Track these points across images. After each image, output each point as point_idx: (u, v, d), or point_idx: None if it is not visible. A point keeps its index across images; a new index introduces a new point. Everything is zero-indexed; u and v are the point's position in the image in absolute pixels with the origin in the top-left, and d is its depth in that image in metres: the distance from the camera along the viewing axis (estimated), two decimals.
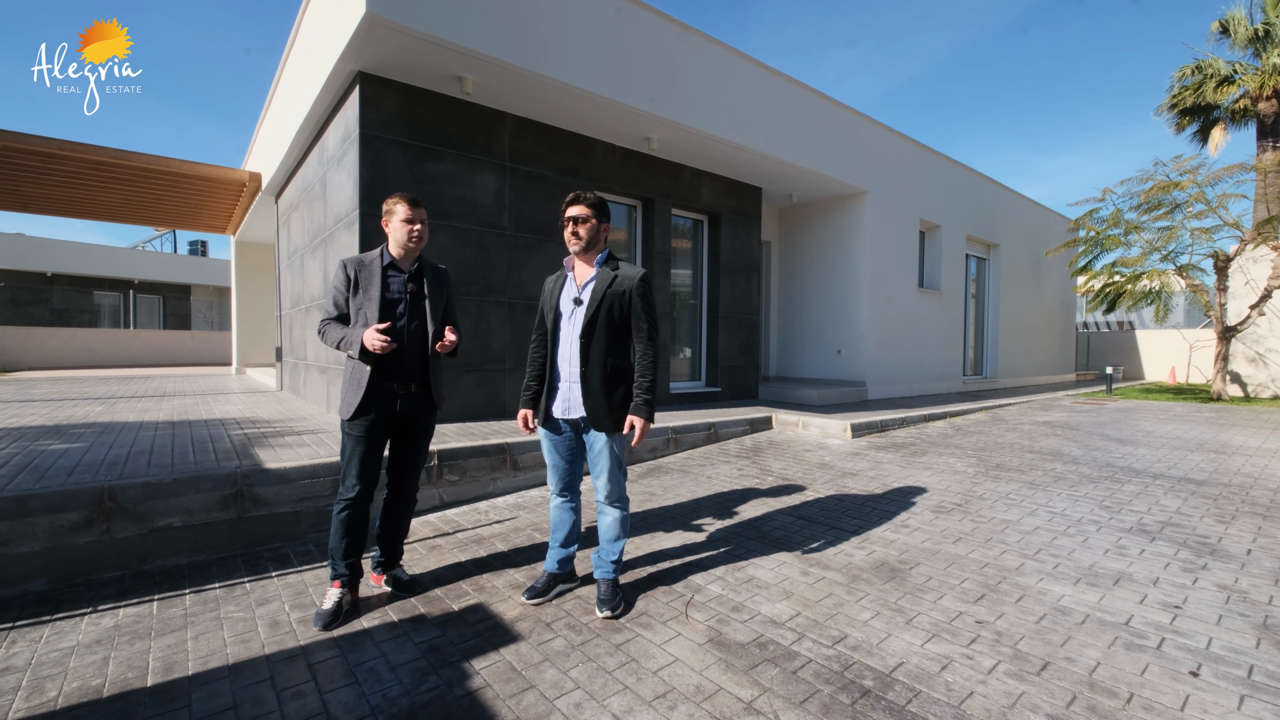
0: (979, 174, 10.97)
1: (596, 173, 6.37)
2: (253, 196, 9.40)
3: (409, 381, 2.61)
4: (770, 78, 6.99)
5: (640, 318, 2.49)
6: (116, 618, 2.53)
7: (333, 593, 2.50)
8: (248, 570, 3.02)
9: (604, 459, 2.50)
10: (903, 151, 9.18)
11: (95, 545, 2.94)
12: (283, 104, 6.95)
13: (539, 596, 2.60)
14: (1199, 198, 9.89)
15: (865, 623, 2.37)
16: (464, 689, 2.00)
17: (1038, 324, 13.34)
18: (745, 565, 2.94)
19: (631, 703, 1.90)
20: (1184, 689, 1.92)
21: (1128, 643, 2.20)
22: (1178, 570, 2.80)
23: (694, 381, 7.77)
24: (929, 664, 2.08)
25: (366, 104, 4.82)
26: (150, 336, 18.16)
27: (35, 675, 2.10)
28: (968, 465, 4.88)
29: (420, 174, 5.11)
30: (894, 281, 9.10)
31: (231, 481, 3.31)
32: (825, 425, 6.14)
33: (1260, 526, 3.39)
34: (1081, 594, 2.58)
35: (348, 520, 2.54)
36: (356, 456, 2.54)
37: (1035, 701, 1.86)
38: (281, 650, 2.26)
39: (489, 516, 3.83)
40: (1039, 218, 13.14)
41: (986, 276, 11.87)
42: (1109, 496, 3.98)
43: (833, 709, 1.85)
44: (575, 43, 5.19)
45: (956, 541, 3.20)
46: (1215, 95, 14.28)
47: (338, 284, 2.62)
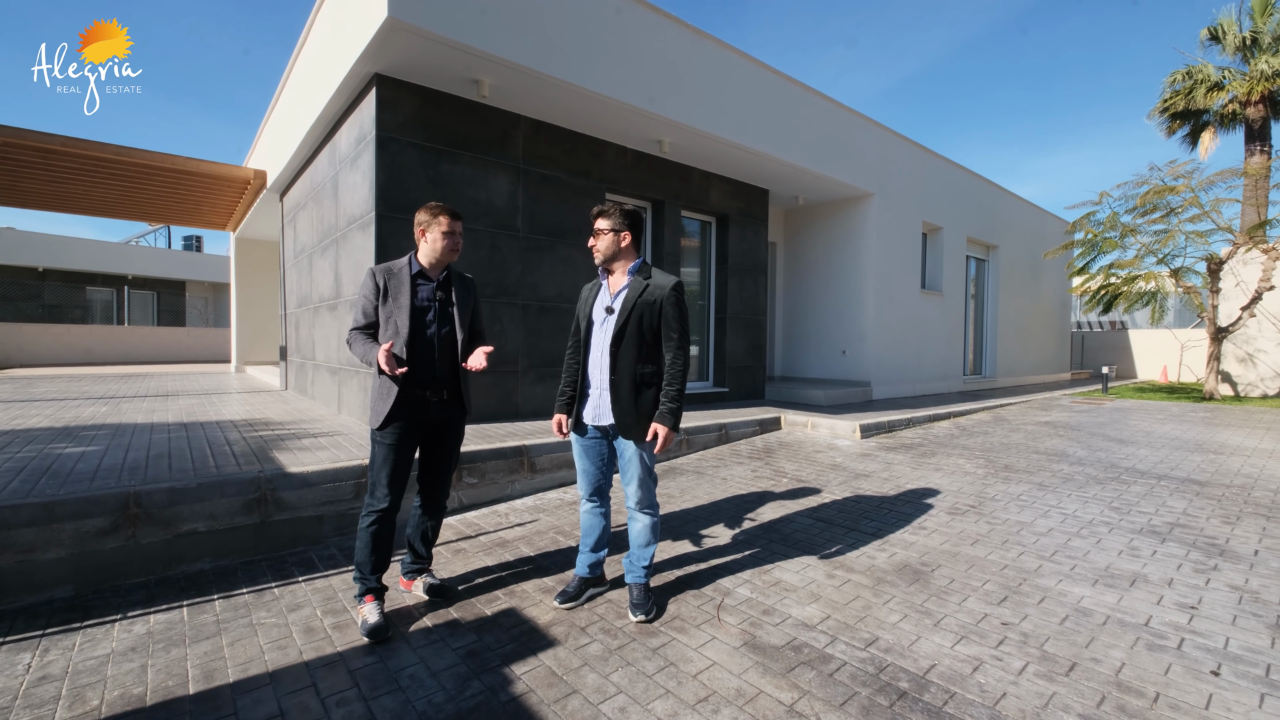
0: (979, 176, 11.07)
1: (608, 174, 6.39)
2: (256, 194, 9.34)
3: (440, 389, 2.62)
4: (778, 81, 7.03)
5: (671, 327, 2.52)
6: (148, 624, 2.54)
7: (370, 607, 2.46)
8: (274, 575, 3.04)
9: (634, 466, 2.54)
10: (906, 154, 9.25)
11: (121, 551, 2.95)
12: (292, 102, 6.92)
13: (571, 601, 2.63)
14: (1193, 202, 10.03)
15: (895, 625, 2.42)
16: (508, 694, 2.03)
17: (1035, 324, 13.49)
18: (771, 568, 2.98)
19: (675, 707, 1.94)
20: (1207, 688, 1.98)
21: (1149, 643, 2.26)
22: (1190, 571, 2.88)
23: (703, 382, 7.83)
24: (961, 665, 2.13)
25: (383, 106, 4.82)
26: (145, 333, 17.99)
27: (74, 684, 2.12)
28: (977, 466, 4.95)
29: (435, 176, 5.12)
30: (897, 283, 9.18)
31: (255, 486, 3.32)
32: (834, 426, 6.20)
33: (1265, 527, 3.48)
34: (1100, 595, 2.64)
35: (377, 534, 2.52)
36: (388, 466, 2.53)
37: (1067, 702, 1.92)
38: (320, 657, 2.28)
39: (509, 519, 3.86)
40: (1037, 219, 13.28)
41: (986, 277, 11.99)
42: (1117, 498, 4.06)
43: (872, 711, 1.89)
44: (589, 46, 5.20)
45: (974, 543, 3.26)
46: (1205, 100, 14.52)
47: (367, 293, 2.62)
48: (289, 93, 7.07)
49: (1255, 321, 11.59)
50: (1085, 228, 11.55)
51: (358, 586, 2.54)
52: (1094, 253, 11.39)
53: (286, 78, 7.10)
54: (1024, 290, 12.86)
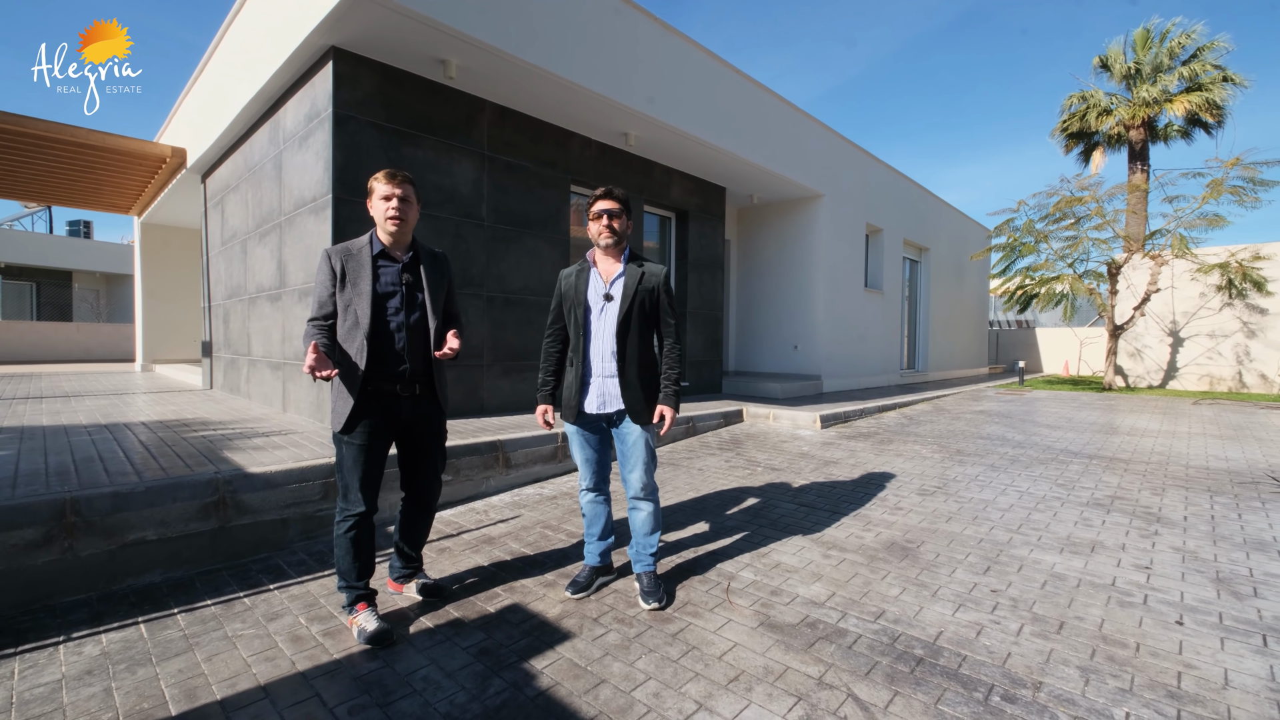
0: (915, 183, 11.76)
1: (573, 166, 6.29)
2: (173, 174, 8.51)
3: (412, 383, 2.34)
4: (741, 80, 7.17)
5: (667, 313, 2.52)
6: (101, 645, 2.26)
7: (364, 615, 2.27)
8: (239, 584, 2.78)
9: (638, 450, 2.51)
10: (853, 158, 9.69)
11: (56, 566, 2.61)
12: (222, 75, 6.35)
13: (582, 590, 2.58)
14: (1098, 212, 11.10)
15: (896, 598, 2.52)
16: (533, 689, 1.96)
17: (959, 322, 14.50)
18: (768, 551, 3.04)
19: (708, 688, 1.94)
20: (1176, 636, 2.20)
21: (1120, 600, 2.48)
22: (1137, 537, 3.18)
23: None
24: (965, 631, 2.25)
25: (341, 82, 4.51)
26: (24, 329, 16.03)
27: (25, 715, 1.85)
28: (933, 452, 5.26)
29: (397, 159, 4.85)
30: (845, 281, 9.59)
31: (212, 488, 3.02)
32: (795, 417, 6.40)
33: (1186, 497, 3.90)
34: (1069, 561, 2.87)
35: (357, 539, 2.29)
36: (358, 469, 2.26)
37: (1065, 656, 2.07)
38: (317, 666, 2.11)
39: (490, 516, 3.72)
40: (961, 224, 14.27)
41: (919, 278, 12.76)
42: (1060, 475, 4.43)
43: (896, 677, 1.97)
44: (563, 31, 5.10)
45: (949, 520, 3.46)
46: (1096, 123, 16.17)
47: (322, 279, 2.28)
48: (218, 64, 6.49)
49: (1144, 321, 12.99)
50: (1007, 232, 12.53)
51: (346, 596, 2.34)
52: (1014, 256, 12.38)
53: (214, 48, 6.51)
54: (950, 290, 13.79)
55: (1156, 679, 1.93)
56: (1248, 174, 10.07)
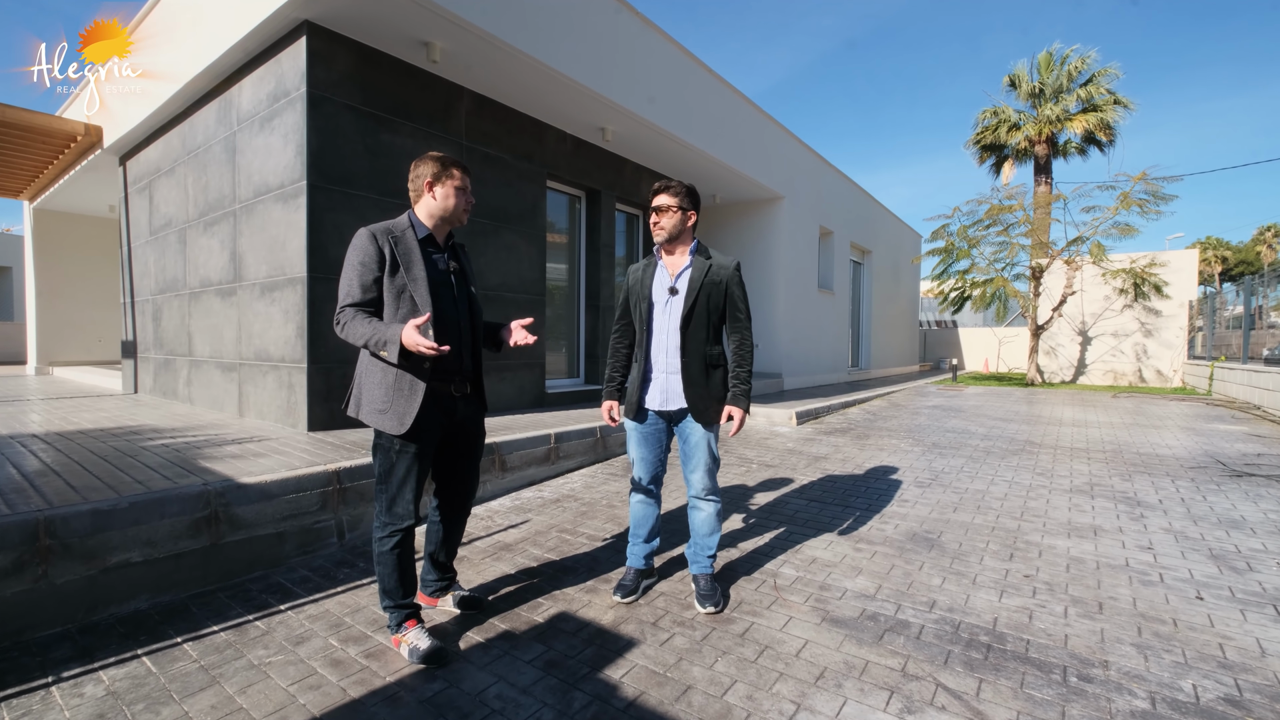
0: (860, 188, 12.31)
1: (549, 159, 6.12)
2: (83, 154, 7.60)
3: (465, 382, 2.20)
4: (715, 82, 7.23)
5: (738, 307, 2.47)
6: (103, 683, 1.96)
7: (414, 633, 2.10)
8: (244, 607, 2.49)
9: (701, 450, 2.45)
10: (809, 162, 10.01)
11: (27, 596, 2.24)
12: (157, 43, 5.71)
13: (630, 594, 2.49)
14: (1025, 220, 12.05)
15: (941, 588, 2.60)
16: (621, 699, 1.86)
17: (896, 321, 15.33)
18: (801, 548, 3.05)
19: (800, 688, 1.91)
20: (1203, 610, 2.38)
21: (1142, 579, 2.66)
22: (1128, 520, 3.45)
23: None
24: (1018, 616, 2.35)
25: (315, 59, 4.16)
26: None
27: None
28: (910, 446, 5.50)
29: (375, 145, 4.53)
30: (801, 282, 9.90)
31: (203, 502, 2.70)
32: (771, 415, 6.52)
33: (1153, 482, 4.28)
34: (1080, 545, 3.07)
35: (402, 555, 2.13)
36: (412, 478, 2.09)
37: (1117, 635, 2.19)
38: (373, 691, 1.91)
39: (496, 522, 3.55)
40: (898, 229, 15.10)
41: (862, 279, 13.37)
42: (1035, 465, 4.74)
43: (974, 665, 2.02)
44: (552, 18, 4.94)
45: (955, 510, 3.61)
46: (1007, 137, 17.63)
47: (366, 259, 2.06)
48: (151, 30, 5.83)
49: (1059, 321, 14.23)
50: (943, 237, 13.37)
51: (392, 616, 2.15)
52: (950, 259, 13.22)
53: (146, 13, 5.84)
54: (889, 291, 14.55)
55: (1204, 651, 2.08)
56: (1150, 189, 11.25)
